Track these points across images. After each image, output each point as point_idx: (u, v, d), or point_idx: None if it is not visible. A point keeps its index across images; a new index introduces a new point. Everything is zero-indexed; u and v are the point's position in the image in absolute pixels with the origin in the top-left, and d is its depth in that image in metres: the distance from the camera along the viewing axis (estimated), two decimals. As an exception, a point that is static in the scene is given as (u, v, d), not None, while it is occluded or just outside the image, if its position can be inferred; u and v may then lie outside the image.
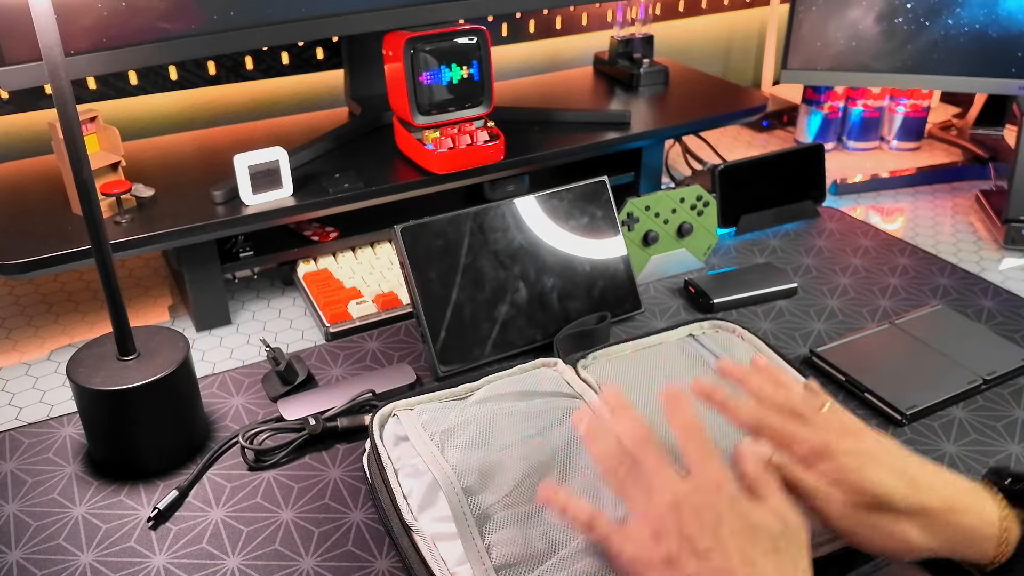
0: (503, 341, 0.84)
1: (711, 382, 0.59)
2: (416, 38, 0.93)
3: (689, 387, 0.58)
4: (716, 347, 0.78)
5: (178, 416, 0.72)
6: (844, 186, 1.25)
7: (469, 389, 0.72)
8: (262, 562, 0.63)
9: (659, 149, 1.16)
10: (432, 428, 0.66)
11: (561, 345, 0.83)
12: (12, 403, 0.83)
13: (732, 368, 0.61)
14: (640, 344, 0.79)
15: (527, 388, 0.71)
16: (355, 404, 0.76)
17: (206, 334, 0.93)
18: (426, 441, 0.64)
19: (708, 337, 0.80)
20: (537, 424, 0.67)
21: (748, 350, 0.79)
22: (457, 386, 0.72)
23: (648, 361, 0.77)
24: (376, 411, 0.68)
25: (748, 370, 0.61)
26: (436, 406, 0.69)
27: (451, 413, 0.67)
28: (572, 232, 0.88)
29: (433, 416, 0.67)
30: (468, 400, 0.70)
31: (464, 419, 0.66)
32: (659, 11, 1.52)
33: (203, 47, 0.90)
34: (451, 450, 0.63)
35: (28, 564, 0.63)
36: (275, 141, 0.95)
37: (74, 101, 0.62)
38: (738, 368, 0.61)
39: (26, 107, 1.08)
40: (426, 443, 0.64)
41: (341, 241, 1.01)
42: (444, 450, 0.63)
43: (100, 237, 0.65)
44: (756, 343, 0.79)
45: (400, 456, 0.65)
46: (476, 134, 0.99)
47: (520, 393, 0.70)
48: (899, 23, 1.23)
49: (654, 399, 0.71)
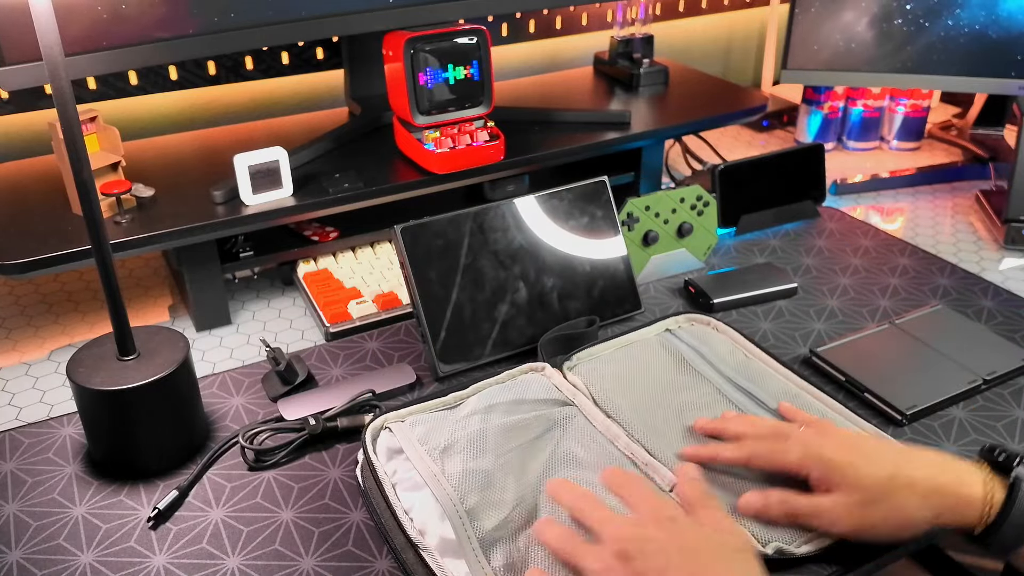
0: (503, 341, 0.84)
1: (691, 451, 0.67)
2: (416, 38, 0.93)
3: (677, 466, 0.65)
4: (693, 340, 0.82)
5: (178, 416, 0.72)
6: (844, 186, 1.25)
7: (459, 398, 0.73)
8: (262, 562, 0.63)
9: (659, 149, 1.16)
10: (428, 443, 0.66)
11: (545, 348, 0.82)
12: (12, 403, 0.83)
13: (707, 424, 0.69)
14: (620, 342, 0.82)
15: (517, 396, 0.72)
16: (355, 404, 0.76)
17: (206, 334, 0.93)
18: (423, 457, 0.65)
19: (685, 331, 0.83)
20: (529, 435, 0.68)
21: (724, 341, 0.82)
22: (447, 395, 0.73)
23: (630, 360, 0.79)
24: (367, 425, 0.69)
25: (721, 421, 0.69)
26: (428, 417, 0.70)
27: (445, 426, 0.68)
28: (572, 232, 0.88)
29: (427, 430, 0.68)
30: (459, 411, 0.71)
31: (458, 434, 0.67)
32: (659, 11, 1.52)
33: (203, 47, 0.90)
34: (450, 468, 0.63)
35: (28, 564, 0.63)
36: (275, 141, 0.95)
37: (74, 101, 0.62)
38: (711, 423, 0.69)
39: (26, 107, 1.08)
40: (424, 459, 0.65)
41: (341, 241, 1.01)
42: (444, 468, 0.64)
43: (100, 237, 0.65)
44: (731, 334, 0.83)
45: (396, 470, 0.66)
46: (476, 134, 0.99)
47: (511, 403, 0.71)
48: (898, 24, 1.23)
49: (640, 397, 0.74)
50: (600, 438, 0.69)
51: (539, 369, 0.77)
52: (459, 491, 0.61)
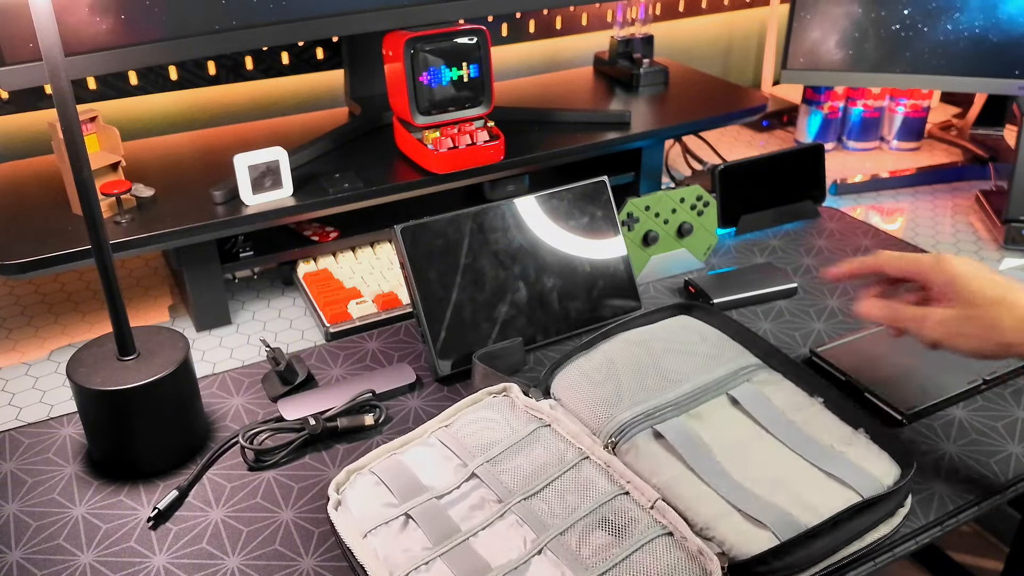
0: (503, 341, 0.84)
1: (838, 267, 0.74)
2: (416, 38, 0.93)
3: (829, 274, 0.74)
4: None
5: (178, 416, 0.72)
6: (844, 186, 1.25)
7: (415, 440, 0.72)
8: (262, 562, 0.63)
9: (659, 149, 1.16)
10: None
11: (481, 363, 0.80)
12: (12, 403, 0.83)
13: (847, 264, 0.74)
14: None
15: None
16: (355, 404, 0.76)
17: (206, 334, 0.93)
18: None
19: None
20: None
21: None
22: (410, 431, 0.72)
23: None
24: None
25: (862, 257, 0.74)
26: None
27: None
28: (572, 232, 0.88)
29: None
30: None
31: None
32: (659, 11, 1.52)
33: (203, 47, 0.90)
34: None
35: (28, 564, 0.63)
36: (275, 141, 0.95)
37: (74, 101, 0.62)
38: (851, 262, 0.74)
39: (26, 107, 1.08)
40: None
41: (341, 241, 1.01)
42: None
43: (100, 237, 0.65)
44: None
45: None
46: (476, 134, 0.99)
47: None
48: (897, 28, 1.23)
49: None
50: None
51: (500, 392, 0.75)
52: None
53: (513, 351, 0.83)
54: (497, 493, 0.65)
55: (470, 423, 0.71)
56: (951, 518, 0.67)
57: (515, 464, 0.67)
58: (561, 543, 0.60)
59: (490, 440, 0.69)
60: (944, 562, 1.42)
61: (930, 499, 0.68)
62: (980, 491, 0.69)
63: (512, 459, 0.68)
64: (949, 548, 1.44)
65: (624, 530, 0.61)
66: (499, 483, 0.66)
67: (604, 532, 0.61)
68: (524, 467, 0.67)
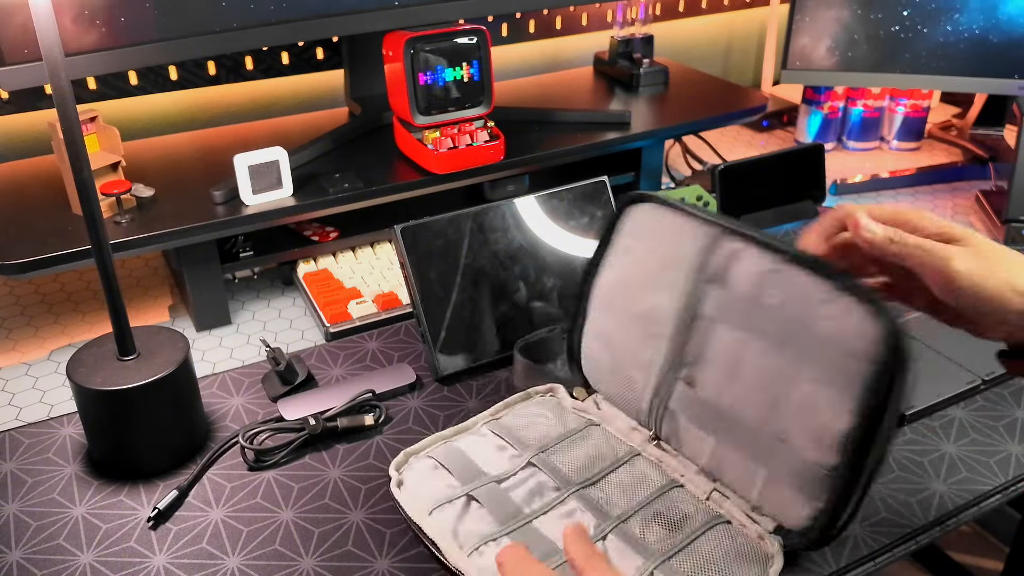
0: (503, 341, 0.84)
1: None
2: (416, 38, 0.93)
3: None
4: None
5: (178, 416, 0.72)
6: (844, 186, 1.25)
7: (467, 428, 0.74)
8: (262, 562, 0.63)
9: (659, 149, 1.16)
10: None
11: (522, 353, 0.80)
12: (12, 403, 0.83)
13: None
14: None
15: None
16: (355, 404, 0.76)
17: (206, 334, 0.93)
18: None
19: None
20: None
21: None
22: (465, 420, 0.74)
23: None
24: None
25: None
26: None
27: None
28: (572, 232, 0.88)
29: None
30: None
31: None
32: (659, 11, 1.52)
33: (203, 47, 0.90)
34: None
35: (28, 564, 0.63)
36: (275, 141, 0.95)
37: (74, 101, 0.62)
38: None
39: (26, 107, 1.08)
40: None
41: (341, 241, 1.01)
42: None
43: (100, 237, 0.65)
44: None
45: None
46: (476, 134, 0.99)
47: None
48: (896, 30, 1.23)
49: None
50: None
51: (548, 392, 0.77)
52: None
53: (552, 341, 0.83)
54: (555, 481, 0.66)
55: (521, 416, 0.73)
56: (951, 518, 0.67)
57: (571, 456, 0.68)
58: (623, 530, 0.62)
59: (543, 433, 0.71)
60: (944, 562, 1.42)
61: (930, 499, 0.68)
62: (980, 491, 0.69)
63: (567, 451, 0.69)
64: (949, 548, 1.44)
65: (682, 521, 0.62)
66: (556, 471, 0.67)
67: (662, 522, 0.62)
68: (579, 458, 0.68)
